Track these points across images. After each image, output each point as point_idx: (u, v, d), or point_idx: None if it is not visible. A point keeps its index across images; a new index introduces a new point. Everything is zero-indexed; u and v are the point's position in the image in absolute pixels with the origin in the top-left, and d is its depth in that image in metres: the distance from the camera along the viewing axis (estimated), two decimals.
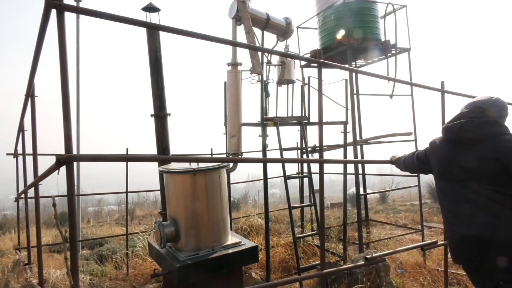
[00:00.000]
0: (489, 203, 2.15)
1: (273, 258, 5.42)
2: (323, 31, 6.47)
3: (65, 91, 1.69)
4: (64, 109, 1.68)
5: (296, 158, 5.44)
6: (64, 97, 1.68)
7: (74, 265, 1.72)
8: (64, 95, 1.68)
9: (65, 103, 1.68)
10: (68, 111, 1.68)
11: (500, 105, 2.31)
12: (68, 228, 1.73)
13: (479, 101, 2.35)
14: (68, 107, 1.68)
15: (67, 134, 1.68)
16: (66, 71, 1.69)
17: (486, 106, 2.29)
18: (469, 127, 2.26)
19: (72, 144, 1.73)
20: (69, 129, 1.68)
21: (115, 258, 6.04)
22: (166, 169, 4.40)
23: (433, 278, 5.01)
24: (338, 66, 2.95)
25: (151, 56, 4.97)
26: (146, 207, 18.51)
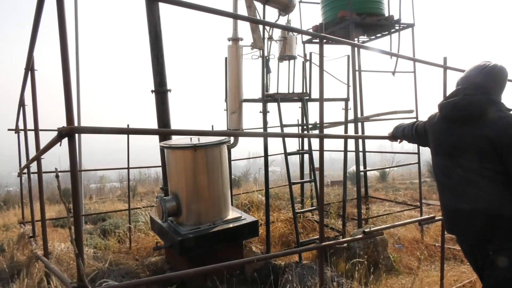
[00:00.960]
0: (480, 178, 2.19)
1: (273, 233, 5.51)
2: (325, 6, 6.35)
3: (65, 63, 1.68)
4: (65, 81, 1.68)
5: (296, 133, 5.45)
6: (65, 69, 1.68)
7: (78, 234, 1.76)
8: (65, 67, 1.68)
9: (65, 75, 1.68)
10: (68, 83, 1.68)
11: (495, 74, 2.27)
12: (71, 200, 1.76)
13: (473, 75, 2.32)
14: (68, 79, 1.68)
15: (68, 106, 1.68)
16: (66, 43, 1.68)
17: (480, 80, 2.27)
18: (462, 105, 2.26)
19: (74, 117, 1.74)
20: (70, 102, 1.69)
21: (118, 232, 6.14)
22: (167, 145, 4.43)
23: (429, 253, 5.11)
24: (340, 40, 2.92)
25: (151, 31, 4.91)
26: (148, 184, 18.67)
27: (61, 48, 1.68)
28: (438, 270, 4.04)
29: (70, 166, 1.73)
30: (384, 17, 6.13)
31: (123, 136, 5.50)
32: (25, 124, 4.42)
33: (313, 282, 3.52)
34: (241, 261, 2.82)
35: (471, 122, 2.24)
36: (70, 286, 1.77)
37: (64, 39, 1.67)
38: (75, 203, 1.75)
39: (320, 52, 2.71)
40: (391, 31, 6.35)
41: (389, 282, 4.15)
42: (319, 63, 2.71)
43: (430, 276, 4.23)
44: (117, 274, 4.50)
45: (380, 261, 4.44)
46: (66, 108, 1.67)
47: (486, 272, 2.31)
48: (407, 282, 4.20)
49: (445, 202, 2.44)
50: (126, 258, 5.27)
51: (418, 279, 4.21)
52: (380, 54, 3.64)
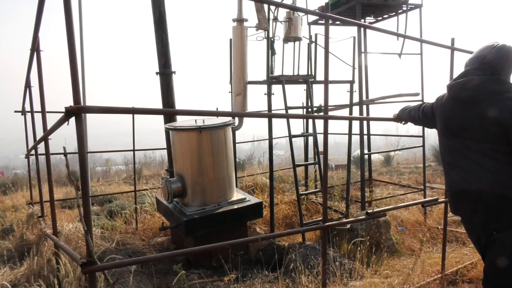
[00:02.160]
0: (486, 159, 2.21)
1: (277, 215, 5.58)
2: None
3: (71, 43, 1.69)
4: (71, 61, 1.69)
5: (301, 114, 5.44)
6: (71, 49, 1.69)
7: (87, 212, 1.80)
8: (71, 47, 1.69)
9: (71, 55, 1.69)
10: (75, 64, 1.69)
11: (504, 54, 2.25)
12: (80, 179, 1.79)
13: (481, 55, 2.30)
14: (74, 59, 1.69)
15: (75, 86, 1.70)
16: (71, 23, 1.69)
17: (488, 60, 2.25)
18: (471, 85, 2.25)
19: (80, 97, 1.76)
20: (76, 81, 1.70)
21: (124, 213, 6.24)
22: (172, 127, 4.45)
23: (432, 235, 5.15)
24: (346, 20, 2.89)
25: (155, 12, 4.88)
26: (153, 167, 18.80)
27: (67, 28, 1.68)
28: (440, 252, 4.08)
29: (78, 145, 1.76)
30: None
31: (128, 119, 5.53)
32: (32, 106, 4.45)
33: (316, 262, 3.59)
34: (245, 239, 2.87)
35: (479, 103, 2.23)
36: (79, 261, 1.82)
37: (70, 19, 1.67)
38: (83, 182, 1.79)
39: (326, 33, 2.69)
40: (398, 12, 6.24)
41: (390, 263, 4.21)
42: (325, 45, 2.70)
43: (432, 258, 4.27)
44: (124, 253, 4.60)
45: (383, 242, 4.49)
46: (73, 88, 1.69)
47: (488, 251, 2.35)
48: (408, 263, 4.26)
49: (451, 183, 2.46)
50: (133, 238, 5.37)
51: (420, 260, 4.26)
52: (387, 36, 3.59)
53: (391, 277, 3.77)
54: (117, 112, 1.96)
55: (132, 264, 3.39)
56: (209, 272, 4.03)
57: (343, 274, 3.39)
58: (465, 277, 3.78)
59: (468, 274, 3.81)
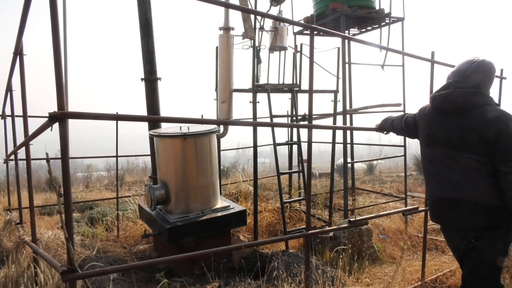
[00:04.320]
0: (466, 170, 2.29)
1: (261, 222, 5.58)
2: None
3: (56, 47, 1.68)
4: (56, 66, 1.68)
5: (285, 123, 5.50)
6: (56, 54, 1.68)
7: (68, 218, 1.78)
8: (56, 51, 1.68)
9: (56, 60, 1.68)
10: (60, 68, 1.68)
11: (484, 68, 2.36)
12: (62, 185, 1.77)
13: (463, 69, 2.40)
14: (59, 64, 1.68)
15: (60, 91, 1.69)
16: (57, 27, 1.68)
17: (469, 74, 2.35)
18: (453, 97, 2.34)
19: (65, 102, 1.75)
20: (61, 86, 1.69)
21: (105, 220, 6.14)
22: (157, 133, 4.43)
23: (413, 243, 5.24)
24: (330, 32, 2.95)
25: (141, 18, 4.87)
26: (135, 173, 18.55)
27: (52, 32, 1.67)
28: (420, 259, 4.15)
29: (61, 151, 1.74)
30: (375, 10, 6.18)
31: (111, 125, 5.48)
32: (13, 110, 4.36)
33: (298, 269, 3.60)
34: (228, 247, 2.86)
35: (461, 114, 2.32)
36: (60, 269, 1.79)
37: (56, 23, 1.67)
38: (66, 188, 1.77)
39: (311, 43, 2.74)
40: (381, 25, 6.40)
41: (372, 271, 4.26)
42: (310, 55, 2.74)
43: (412, 266, 4.34)
44: (105, 261, 4.52)
45: (365, 250, 4.54)
46: (57, 92, 1.68)
47: (467, 259, 2.42)
48: (389, 270, 4.32)
49: (432, 191, 2.54)
50: (114, 246, 5.29)
51: (401, 268, 4.33)
52: (370, 47, 3.68)
53: (373, 284, 3.82)
54: (102, 119, 1.94)
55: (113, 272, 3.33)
56: (192, 280, 3.99)
57: (325, 282, 3.41)
58: (444, 284, 3.85)
59: (447, 282, 3.88)
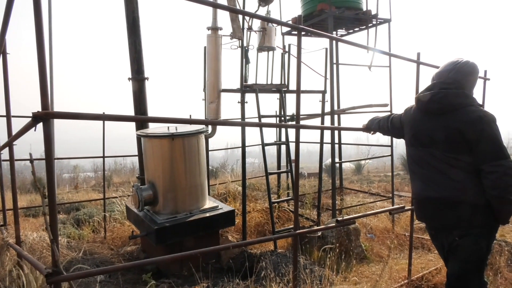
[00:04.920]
0: (450, 169, 2.33)
1: (249, 223, 5.58)
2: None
3: (40, 45, 1.65)
4: (40, 65, 1.65)
5: (273, 123, 5.51)
6: (40, 52, 1.65)
7: (53, 220, 1.75)
8: (39, 49, 1.65)
9: (40, 58, 1.65)
10: (44, 67, 1.66)
11: (468, 70, 2.40)
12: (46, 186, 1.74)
13: (447, 70, 2.44)
14: (43, 62, 1.66)
15: (44, 90, 1.66)
16: (41, 25, 1.65)
17: (453, 75, 2.39)
18: (437, 98, 2.38)
19: (49, 101, 1.72)
20: (45, 85, 1.66)
21: (92, 222, 6.07)
22: (144, 134, 4.40)
23: (399, 242, 5.30)
24: (317, 32, 2.96)
25: (128, 17, 4.83)
26: (123, 174, 18.37)
27: (36, 30, 1.65)
28: (406, 258, 4.20)
29: (45, 152, 1.71)
30: (362, 11, 6.23)
31: (98, 125, 5.42)
32: None
33: (287, 269, 3.61)
34: (216, 247, 2.85)
35: (445, 115, 2.36)
36: (44, 272, 1.76)
37: (39, 21, 1.64)
38: (50, 189, 1.74)
39: (298, 44, 2.75)
40: (369, 26, 6.46)
41: (360, 269, 4.30)
42: (297, 55, 2.76)
43: (399, 264, 4.39)
44: (91, 263, 4.46)
45: (352, 249, 4.57)
46: (41, 92, 1.65)
47: (451, 256, 2.47)
48: (377, 269, 4.36)
49: (417, 191, 2.58)
50: (101, 248, 5.22)
51: (388, 266, 4.37)
52: (358, 48, 3.71)
53: (360, 283, 3.85)
54: (87, 119, 1.92)
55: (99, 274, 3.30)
56: (180, 281, 3.97)
57: (313, 281, 3.43)
58: (430, 282, 3.91)
59: (433, 280, 3.94)
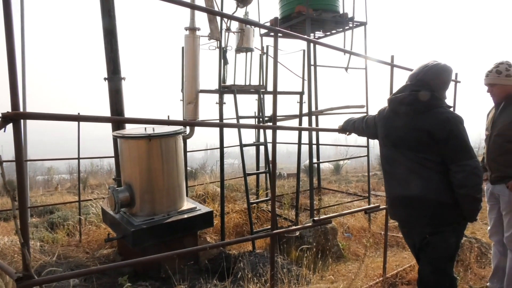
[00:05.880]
0: (421, 168, 2.40)
1: (228, 224, 5.58)
2: (283, 0, 6.45)
3: (10, 44, 1.61)
4: (10, 63, 1.61)
5: (250, 124, 5.54)
6: (9, 49, 1.61)
7: (24, 223, 1.71)
8: (9, 47, 1.61)
9: (10, 56, 1.61)
10: (13, 65, 1.62)
11: (437, 72, 2.47)
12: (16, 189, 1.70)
13: (416, 73, 2.52)
14: (13, 61, 1.61)
15: (14, 90, 1.62)
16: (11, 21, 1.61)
17: (423, 77, 2.47)
18: (408, 100, 2.45)
19: (19, 101, 1.68)
20: (15, 85, 1.62)
21: (67, 225, 5.93)
22: (121, 134, 4.34)
23: (375, 240, 5.42)
24: (293, 35, 3.00)
25: (104, 16, 4.75)
26: (100, 175, 18.02)
27: (6, 27, 1.61)
28: (382, 256, 4.30)
29: (16, 153, 1.67)
30: (339, 14, 6.33)
31: (73, 125, 5.30)
32: None
33: (265, 269, 3.63)
34: (192, 249, 2.84)
35: (415, 116, 2.43)
36: (14, 276, 1.72)
37: (9, 18, 1.60)
38: (21, 192, 1.70)
39: (275, 45, 2.78)
40: (345, 28, 6.57)
41: (336, 268, 4.37)
42: (274, 57, 2.78)
43: (375, 262, 4.49)
44: (65, 267, 4.36)
45: (329, 248, 4.65)
46: (11, 91, 1.61)
47: (422, 253, 2.54)
48: (353, 267, 4.44)
49: (390, 190, 2.65)
50: (76, 251, 5.11)
51: (364, 265, 4.46)
52: (335, 50, 3.78)
53: (337, 281, 3.91)
54: (61, 119, 1.88)
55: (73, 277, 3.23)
56: (158, 284, 3.93)
57: (290, 281, 3.46)
58: (404, 279, 4.01)
59: (407, 276, 4.04)
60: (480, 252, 4.60)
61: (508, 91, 3.21)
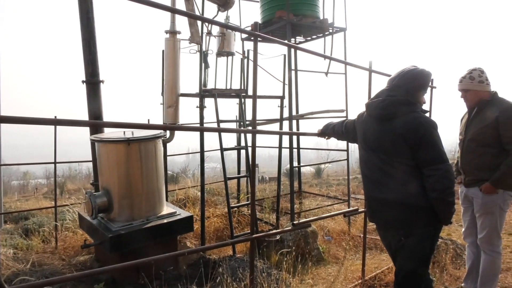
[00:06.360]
0: (395, 171, 2.46)
1: (208, 228, 5.54)
2: (264, 4, 6.48)
3: None
4: None
5: (230, 128, 5.52)
6: None
7: None
8: None
9: None
10: None
11: (412, 77, 2.53)
12: None
13: (392, 78, 2.59)
14: None
15: None
16: None
17: (398, 82, 2.53)
18: (383, 105, 2.51)
19: None
20: None
21: (42, 231, 5.77)
22: (99, 138, 4.26)
23: (355, 243, 5.48)
24: (273, 40, 3.02)
25: (82, 18, 4.68)
26: (78, 180, 17.65)
27: None
28: (361, 258, 4.35)
29: None
30: (319, 20, 6.41)
31: (51, 129, 5.17)
32: None
33: (244, 274, 3.62)
34: (170, 254, 2.79)
35: (391, 121, 2.48)
36: None
37: None
38: None
39: (255, 50, 2.79)
40: (325, 34, 6.66)
41: (316, 271, 4.39)
42: (253, 61, 2.79)
43: (354, 265, 4.54)
44: (40, 275, 4.23)
45: (310, 252, 4.67)
46: None
47: (398, 255, 2.59)
48: (333, 270, 4.48)
49: (367, 193, 2.70)
50: (52, 258, 4.98)
51: (344, 267, 4.51)
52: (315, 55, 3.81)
53: (317, 285, 3.94)
54: (37, 123, 1.83)
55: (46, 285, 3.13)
56: None
57: (270, 285, 3.46)
58: (383, 281, 4.07)
59: (385, 279, 4.10)
60: (455, 254, 4.71)
61: (481, 96, 3.32)
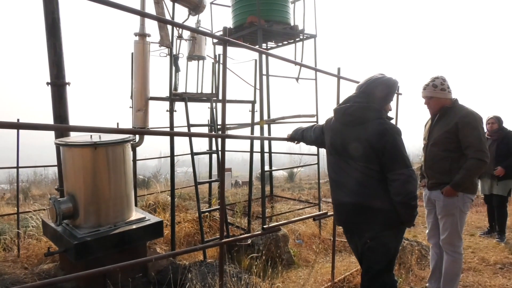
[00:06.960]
0: (361, 176, 2.52)
1: (179, 233, 5.48)
2: (236, 9, 6.52)
3: None
4: None
5: (200, 133, 5.48)
6: None
7: None
8: None
9: None
10: None
11: (378, 85, 2.61)
12: None
13: (359, 85, 2.67)
14: None
15: None
16: None
17: (364, 89, 2.61)
18: (350, 111, 2.58)
19: None
20: None
21: (3, 239, 5.51)
22: (64, 142, 4.13)
23: (325, 246, 5.57)
24: (243, 45, 3.05)
25: (47, 18, 4.53)
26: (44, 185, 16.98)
27: None
28: (331, 261, 4.42)
29: None
30: (290, 26, 6.50)
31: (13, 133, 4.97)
32: None
33: (214, 279, 3.60)
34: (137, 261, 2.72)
35: (357, 126, 2.55)
36: None
37: None
38: None
39: (224, 55, 2.80)
40: (296, 40, 6.76)
41: (287, 275, 4.43)
42: (223, 66, 2.80)
43: (324, 267, 4.60)
44: (0, 285, 4.04)
45: (281, 255, 4.70)
46: None
47: (364, 258, 2.65)
48: (303, 273, 4.52)
49: (334, 196, 2.75)
50: (13, 267, 4.76)
51: (314, 270, 4.56)
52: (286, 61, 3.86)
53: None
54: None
55: None
56: None
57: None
58: (351, 283, 4.14)
59: (354, 280, 4.18)
60: (420, 255, 4.87)
61: (443, 103, 3.46)
